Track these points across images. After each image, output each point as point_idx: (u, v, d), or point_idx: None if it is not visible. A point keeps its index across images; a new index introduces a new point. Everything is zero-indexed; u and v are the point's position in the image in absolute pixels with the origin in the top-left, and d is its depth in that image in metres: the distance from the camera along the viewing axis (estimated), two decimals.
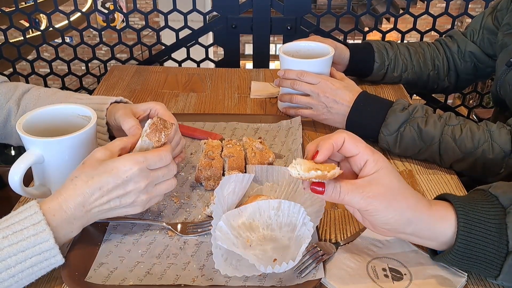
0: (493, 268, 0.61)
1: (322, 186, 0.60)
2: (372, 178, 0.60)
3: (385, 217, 0.61)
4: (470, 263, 0.62)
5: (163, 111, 0.81)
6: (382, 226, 0.63)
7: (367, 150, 0.61)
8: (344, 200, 0.60)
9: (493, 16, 1.16)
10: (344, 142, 0.62)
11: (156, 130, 0.70)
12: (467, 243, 0.61)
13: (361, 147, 0.61)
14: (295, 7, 1.51)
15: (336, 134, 0.62)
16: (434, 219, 0.62)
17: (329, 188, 0.60)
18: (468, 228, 0.61)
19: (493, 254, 0.61)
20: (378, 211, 0.60)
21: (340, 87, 0.98)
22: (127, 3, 7.17)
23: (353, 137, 0.62)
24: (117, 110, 0.82)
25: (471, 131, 0.87)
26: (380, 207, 0.60)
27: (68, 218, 0.63)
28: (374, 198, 0.59)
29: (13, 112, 0.88)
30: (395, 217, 0.61)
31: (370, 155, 0.61)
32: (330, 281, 0.65)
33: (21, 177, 0.69)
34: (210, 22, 1.58)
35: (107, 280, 0.65)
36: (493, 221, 0.61)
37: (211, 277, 0.66)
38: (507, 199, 0.62)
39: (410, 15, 1.56)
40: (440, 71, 1.25)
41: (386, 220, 0.61)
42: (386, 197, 0.60)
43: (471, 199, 0.64)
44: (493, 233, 0.60)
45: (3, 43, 1.61)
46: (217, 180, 0.84)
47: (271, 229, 0.72)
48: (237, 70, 1.39)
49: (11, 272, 0.59)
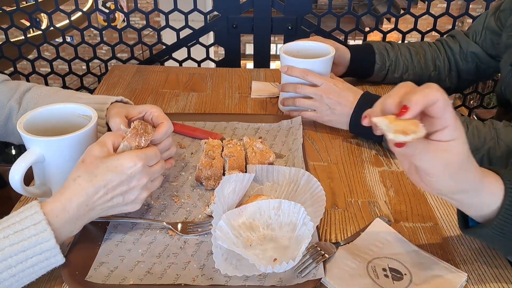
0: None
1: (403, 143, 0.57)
2: (448, 145, 0.57)
3: (444, 184, 0.60)
4: (504, 239, 0.63)
5: (158, 114, 0.80)
6: (434, 190, 0.61)
7: (452, 117, 0.57)
8: (416, 158, 0.58)
9: (495, 16, 1.16)
10: (436, 103, 0.56)
11: (137, 134, 0.70)
12: (508, 218, 0.61)
13: (448, 112, 0.56)
14: (296, 7, 1.51)
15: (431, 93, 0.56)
16: (484, 193, 0.62)
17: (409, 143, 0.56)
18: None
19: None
20: (441, 178, 0.59)
21: (343, 89, 0.98)
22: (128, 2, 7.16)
23: (446, 100, 0.57)
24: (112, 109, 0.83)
25: (477, 128, 0.87)
26: (445, 175, 0.59)
27: (71, 218, 0.64)
28: (444, 165, 0.58)
29: (14, 111, 0.89)
30: (452, 186, 0.60)
31: (453, 122, 0.57)
32: (330, 281, 0.65)
33: (21, 176, 0.69)
34: (211, 22, 1.58)
35: (108, 279, 0.66)
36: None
37: (212, 277, 0.66)
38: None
39: (411, 15, 1.56)
40: (441, 71, 1.25)
41: (442, 187, 0.60)
42: (455, 167, 0.58)
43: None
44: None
45: (4, 42, 1.61)
46: (217, 179, 0.84)
47: (271, 228, 0.72)
48: (237, 70, 1.39)
49: (12, 271, 0.59)
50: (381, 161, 0.95)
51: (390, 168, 0.93)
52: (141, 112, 0.82)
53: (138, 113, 0.82)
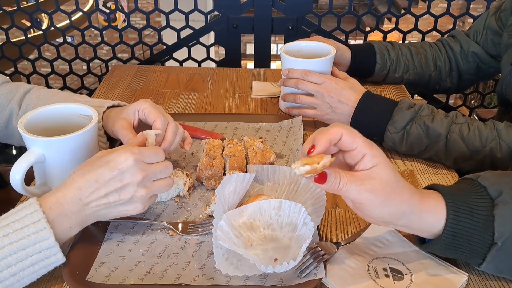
0: (477, 257, 0.63)
1: (324, 176, 0.59)
2: (371, 172, 0.60)
3: (380, 211, 0.61)
4: (456, 252, 0.64)
5: (149, 108, 0.80)
6: (375, 219, 0.63)
7: (365, 144, 0.60)
8: (342, 190, 0.59)
9: (496, 16, 1.16)
10: (342, 137, 0.60)
11: None
12: (454, 234, 0.62)
13: (359, 142, 0.60)
14: (297, 7, 1.51)
15: (333, 129, 0.61)
16: (425, 212, 0.63)
17: (331, 178, 0.59)
18: (456, 219, 0.62)
19: (478, 245, 0.62)
20: (373, 205, 0.60)
21: (345, 87, 0.98)
22: (129, 2, 7.17)
23: (351, 131, 0.61)
24: (113, 121, 0.82)
25: (479, 129, 0.87)
26: (376, 202, 0.60)
27: (66, 212, 0.63)
28: (371, 192, 0.59)
29: (15, 113, 0.89)
30: (389, 211, 0.61)
31: (368, 150, 0.60)
32: (330, 281, 0.65)
33: (22, 176, 0.70)
34: (211, 22, 1.58)
35: (108, 279, 0.65)
36: (481, 212, 0.61)
37: (212, 277, 0.66)
38: (495, 190, 0.62)
39: (411, 15, 1.56)
40: (442, 71, 1.25)
41: (380, 214, 0.62)
42: (383, 192, 0.60)
43: (460, 190, 0.64)
44: (480, 224, 0.61)
45: (4, 42, 1.61)
46: (218, 179, 0.84)
47: (272, 228, 0.72)
48: (238, 69, 1.39)
49: (12, 270, 0.59)
50: None
51: None
52: (134, 112, 0.81)
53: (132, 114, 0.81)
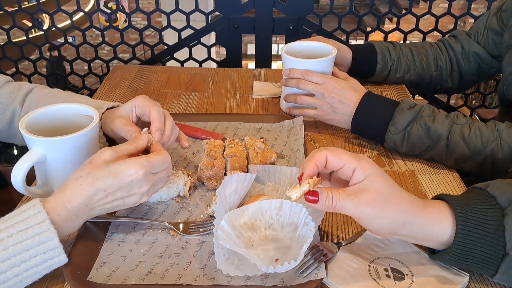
0: (490, 268, 0.62)
1: (316, 196, 0.60)
2: (363, 185, 0.60)
3: (379, 223, 0.61)
4: (467, 263, 0.63)
5: (144, 102, 0.80)
6: (377, 230, 0.63)
7: (352, 159, 0.61)
8: (337, 207, 0.60)
9: (497, 16, 1.16)
10: (327, 159, 0.62)
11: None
12: (465, 244, 0.61)
13: (345, 159, 0.61)
14: (297, 7, 1.51)
15: (317, 153, 0.62)
16: (429, 222, 0.62)
17: (322, 197, 0.60)
18: (466, 230, 0.61)
19: (490, 255, 0.61)
20: (371, 218, 0.60)
21: (345, 87, 0.98)
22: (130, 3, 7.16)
23: (334, 151, 0.62)
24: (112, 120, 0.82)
25: (480, 130, 0.87)
26: (372, 214, 0.60)
27: (72, 217, 0.64)
28: (365, 204, 0.59)
29: (17, 112, 0.89)
30: (389, 222, 0.61)
31: (357, 163, 0.60)
32: (331, 281, 0.65)
33: (23, 176, 0.70)
34: (212, 22, 1.58)
35: (109, 279, 0.66)
36: (491, 222, 0.60)
37: (213, 277, 0.66)
38: (505, 200, 0.62)
39: (412, 15, 1.56)
40: (443, 71, 1.25)
41: (379, 225, 0.62)
42: (378, 203, 0.60)
43: (469, 200, 0.63)
44: (490, 234, 0.60)
45: (6, 42, 1.61)
46: (219, 179, 0.84)
47: (273, 229, 0.72)
48: (239, 70, 1.39)
49: (16, 271, 0.59)
50: (383, 161, 0.95)
51: (392, 168, 0.93)
52: (131, 109, 0.81)
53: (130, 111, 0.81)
